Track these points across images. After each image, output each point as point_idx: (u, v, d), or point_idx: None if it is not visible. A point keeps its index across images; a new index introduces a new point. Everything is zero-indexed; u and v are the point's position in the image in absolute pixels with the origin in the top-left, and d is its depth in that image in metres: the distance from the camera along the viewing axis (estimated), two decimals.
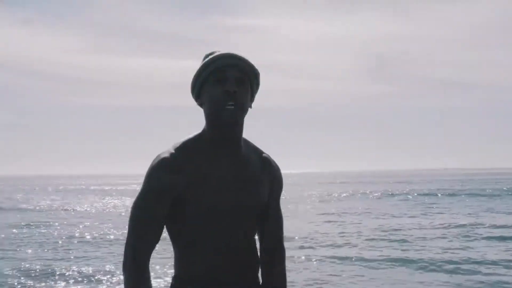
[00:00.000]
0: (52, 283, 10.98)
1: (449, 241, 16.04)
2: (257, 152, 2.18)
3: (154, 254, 2.04)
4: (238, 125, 2.05)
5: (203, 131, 2.09)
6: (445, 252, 13.87)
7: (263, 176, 2.14)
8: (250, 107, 2.09)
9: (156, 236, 2.00)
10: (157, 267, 10.96)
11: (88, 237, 18.42)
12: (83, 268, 12.26)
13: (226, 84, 2.01)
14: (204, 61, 2.05)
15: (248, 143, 2.16)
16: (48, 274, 11.76)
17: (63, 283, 10.96)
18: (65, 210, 32.16)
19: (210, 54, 2.06)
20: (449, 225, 20.00)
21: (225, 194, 2.02)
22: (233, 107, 1.99)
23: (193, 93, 2.10)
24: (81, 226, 22.04)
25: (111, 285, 10.73)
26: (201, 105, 2.09)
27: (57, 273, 11.82)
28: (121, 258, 2.02)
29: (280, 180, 2.21)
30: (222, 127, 2.04)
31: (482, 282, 10.46)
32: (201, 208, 2.00)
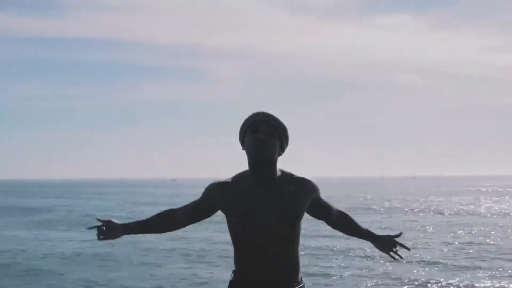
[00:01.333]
0: None
1: None
2: (291, 177, 2.92)
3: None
4: (267, 165, 2.84)
5: (248, 169, 2.91)
6: None
7: (298, 192, 2.88)
8: (280, 154, 2.90)
9: (185, 212, 2.95)
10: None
11: None
12: None
13: (258, 134, 2.82)
14: (247, 118, 2.88)
15: (284, 173, 2.92)
16: None
17: None
18: None
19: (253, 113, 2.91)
20: None
21: (257, 212, 2.81)
22: (261, 147, 2.80)
23: (240, 143, 2.93)
24: None
25: None
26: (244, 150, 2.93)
27: None
28: None
29: (314, 188, 2.96)
30: (255, 165, 2.86)
31: None
32: (239, 222, 2.84)
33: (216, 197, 2.89)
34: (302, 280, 2.94)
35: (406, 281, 12.26)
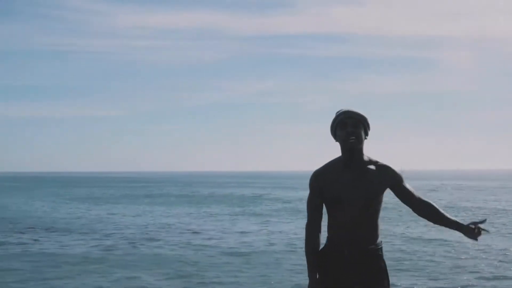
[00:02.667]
0: None
1: None
2: (376, 163, 3.70)
3: None
4: (356, 150, 3.65)
5: (339, 156, 3.73)
6: None
7: (379, 177, 3.64)
8: (366, 138, 3.68)
9: (318, 216, 3.72)
10: None
11: None
12: None
13: (347, 127, 3.62)
14: (335, 116, 3.68)
15: (371, 159, 3.70)
16: None
17: None
18: None
19: (339, 111, 3.67)
20: None
21: (345, 191, 3.60)
22: (352, 140, 3.60)
23: (332, 136, 3.74)
24: None
25: None
26: (337, 141, 3.72)
27: None
28: None
29: (392, 173, 3.69)
30: (347, 152, 3.66)
31: None
32: (331, 198, 3.65)
33: (317, 185, 3.71)
34: (381, 243, 3.72)
35: None
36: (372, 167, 3.66)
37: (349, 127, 3.59)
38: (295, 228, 22.01)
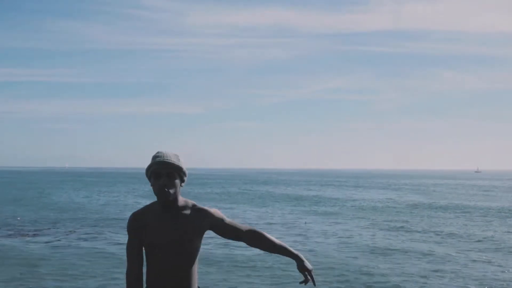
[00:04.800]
0: None
1: None
2: (193, 206, 3.59)
3: None
4: (171, 201, 3.51)
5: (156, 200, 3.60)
6: None
7: (195, 221, 3.55)
8: (182, 186, 3.55)
9: (139, 261, 3.55)
10: None
11: None
12: None
13: (161, 178, 3.48)
14: (151, 161, 3.51)
15: (187, 203, 3.59)
16: None
17: None
18: None
19: (155, 155, 3.52)
20: None
21: (162, 236, 3.48)
22: (165, 194, 3.46)
23: (148, 179, 3.57)
24: None
25: None
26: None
27: None
28: None
29: (210, 215, 3.58)
30: (161, 204, 3.53)
31: None
32: (148, 244, 3.51)
33: (135, 229, 3.53)
34: None
35: None
36: (188, 211, 3.54)
37: (163, 178, 3.45)
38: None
